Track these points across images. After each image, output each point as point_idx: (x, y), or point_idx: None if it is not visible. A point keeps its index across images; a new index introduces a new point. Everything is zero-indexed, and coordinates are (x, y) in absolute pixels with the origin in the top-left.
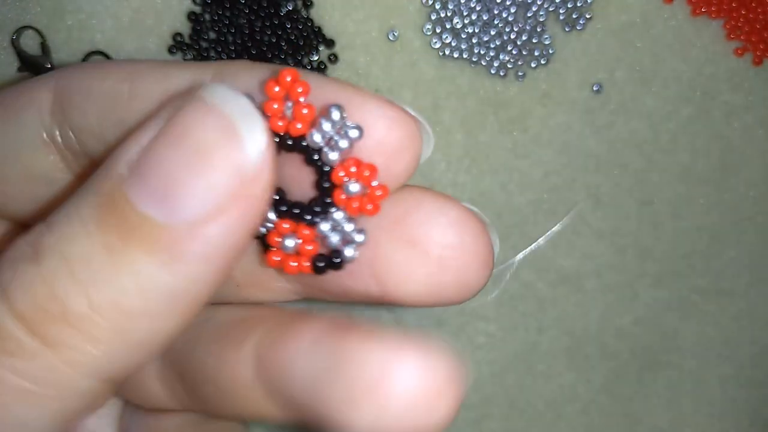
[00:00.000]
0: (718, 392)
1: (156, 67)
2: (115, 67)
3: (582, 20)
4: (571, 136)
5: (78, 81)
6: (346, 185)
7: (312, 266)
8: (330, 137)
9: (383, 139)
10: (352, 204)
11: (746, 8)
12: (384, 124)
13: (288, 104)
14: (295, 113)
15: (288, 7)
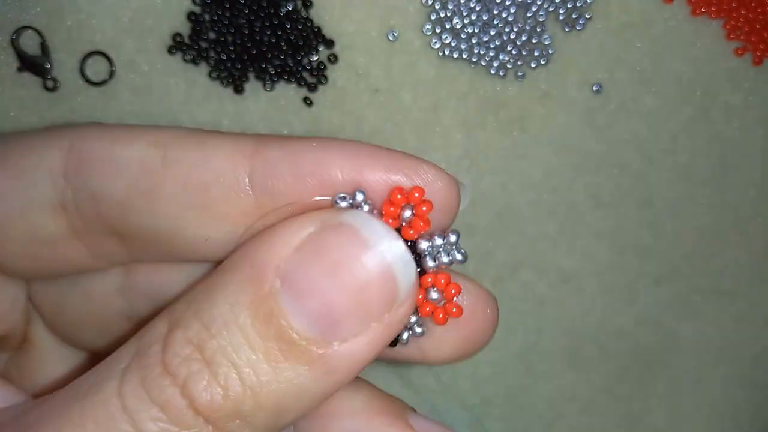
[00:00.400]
0: (718, 392)
1: (188, 134)
2: (140, 131)
3: (582, 20)
4: (571, 136)
5: (99, 145)
6: (429, 291)
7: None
8: (437, 251)
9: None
10: (426, 308)
11: (746, 8)
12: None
13: (406, 211)
14: (414, 223)
15: (288, 7)
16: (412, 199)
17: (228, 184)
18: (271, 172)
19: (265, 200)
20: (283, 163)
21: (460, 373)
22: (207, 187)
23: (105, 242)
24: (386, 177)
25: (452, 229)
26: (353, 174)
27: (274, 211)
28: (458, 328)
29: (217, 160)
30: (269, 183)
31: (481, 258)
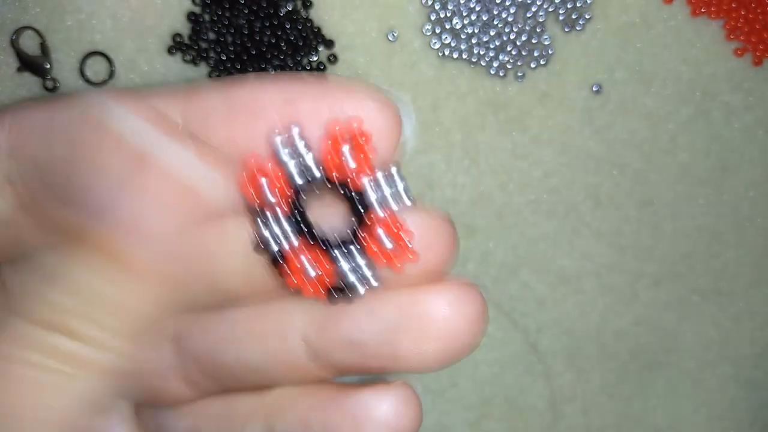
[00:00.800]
0: (718, 392)
1: (120, 93)
2: (80, 96)
3: (582, 20)
4: (571, 136)
5: (36, 112)
6: (382, 240)
7: (327, 295)
8: (385, 198)
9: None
10: (381, 259)
11: (746, 9)
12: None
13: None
14: (359, 169)
15: (287, 7)
16: (350, 129)
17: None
18: (203, 107)
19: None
20: (216, 100)
21: (460, 373)
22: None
23: (56, 215)
24: (317, 104)
25: (393, 162)
26: (286, 106)
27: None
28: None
29: (149, 108)
30: (203, 120)
31: (480, 258)
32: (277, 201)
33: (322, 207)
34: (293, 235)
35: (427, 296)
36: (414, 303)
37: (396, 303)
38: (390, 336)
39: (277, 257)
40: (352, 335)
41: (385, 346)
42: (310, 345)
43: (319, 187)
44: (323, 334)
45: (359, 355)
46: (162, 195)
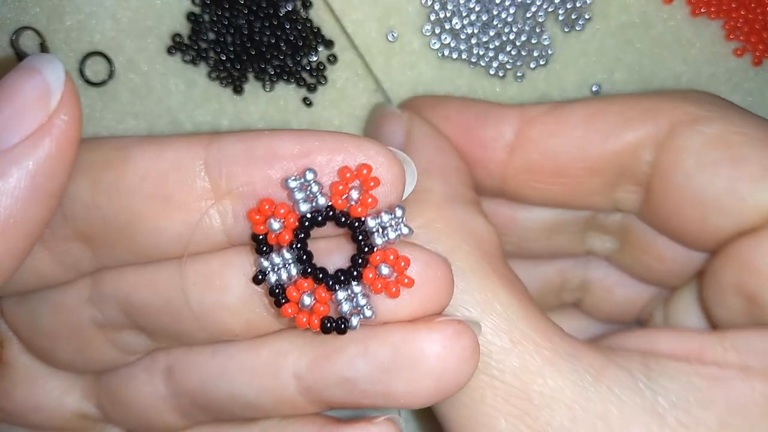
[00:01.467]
0: None
1: (149, 137)
2: (104, 139)
3: (581, 21)
4: None
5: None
6: (379, 267)
7: (321, 325)
8: (384, 227)
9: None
10: (377, 284)
11: (746, 9)
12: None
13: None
14: (363, 200)
15: (287, 7)
16: (360, 176)
17: (184, 171)
18: (224, 156)
19: (219, 185)
20: (236, 148)
21: None
22: (164, 176)
23: (71, 248)
24: (332, 157)
25: (398, 204)
26: (302, 154)
27: (228, 194)
28: (414, 294)
29: (173, 151)
30: (223, 167)
31: None
32: (281, 229)
33: (323, 242)
34: (293, 265)
35: (420, 335)
36: (407, 341)
37: (389, 341)
38: (382, 375)
39: (274, 287)
40: (345, 373)
41: (378, 384)
42: (302, 381)
43: (322, 216)
44: (315, 371)
45: (351, 392)
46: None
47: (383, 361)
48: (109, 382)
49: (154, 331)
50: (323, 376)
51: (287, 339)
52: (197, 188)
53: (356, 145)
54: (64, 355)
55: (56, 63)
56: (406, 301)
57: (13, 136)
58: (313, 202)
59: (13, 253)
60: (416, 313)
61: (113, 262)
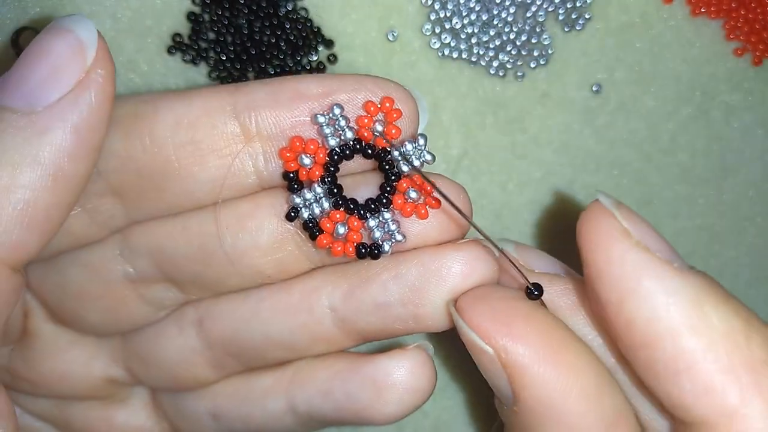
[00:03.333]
0: None
1: (173, 92)
2: (132, 95)
3: (581, 20)
4: (571, 136)
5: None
6: (408, 192)
7: (356, 251)
8: (408, 155)
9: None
10: (407, 208)
11: (745, 8)
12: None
13: (377, 125)
14: (387, 131)
15: (287, 7)
16: (384, 108)
17: (213, 116)
18: (251, 99)
19: (249, 129)
20: (262, 92)
21: (460, 372)
22: (195, 123)
23: (104, 204)
24: (354, 95)
25: (420, 133)
26: (325, 94)
27: (258, 135)
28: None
29: (202, 99)
30: (251, 110)
31: None
32: (312, 165)
33: (350, 178)
34: (324, 198)
35: (446, 254)
36: (434, 260)
37: (419, 261)
38: (413, 295)
39: (308, 221)
40: (378, 298)
41: (409, 305)
42: (337, 312)
43: (350, 149)
44: (350, 300)
45: (384, 317)
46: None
47: (413, 281)
48: (138, 342)
49: (185, 282)
50: (358, 304)
51: (319, 276)
52: (227, 132)
53: (375, 83)
54: (94, 316)
55: (87, 21)
56: (433, 224)
57: (54, 92)
58: (340, 137)
59: (61, 206)
60: (442, 237)
61: (145, 215)
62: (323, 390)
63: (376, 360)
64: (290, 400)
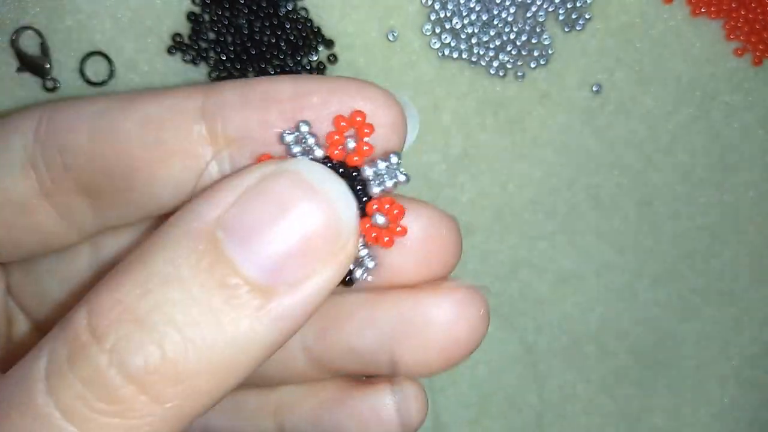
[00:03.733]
0: (718, 392)
1: (145, 91)
2: (105, 95)
3: (581, 20)
4: (571, 136)
5: (66, 105)
6: (374, 216)
7: None
8: (380, 175)
9: (376, 120)
10: (371, 233)
11: (746, 8)
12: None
13: (349, 141)
14: (358, 149)
15: (287, 7)
16: (354, 123)
17: (182, 115)
18: (221, 100)
19: (216, 130)
20: (233, 93)
21: (459, 373)
22: (162, 122)
23: (73, 202)
24: (328, 98)
25: (393, 151)
26: (297, 96)
27: (226, 147)
28: (416, 251)
29: (171, 98)
30: (220, 111)
31: (480, 258)
32: None
33: None
34: None
35: (429, 300)
36: (415, 307)
37: (397, 308)
38: (390, 342)
39: None
40: (352, 342)
41: (385, 352)
42: (310, 353)
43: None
44: (323, 341)
45: (358, 361)
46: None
47: (390, 329)
48: None
49: None
50: (331, 346)
51: None
52: (194, 134)
53: (353, 87)
54: None
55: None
56: (410, 258)
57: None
58: (309, 155)
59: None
60: (422, 273)
61: (114, 218)
62: (311, 418)
63: (364, 394)
64: (279, 424)
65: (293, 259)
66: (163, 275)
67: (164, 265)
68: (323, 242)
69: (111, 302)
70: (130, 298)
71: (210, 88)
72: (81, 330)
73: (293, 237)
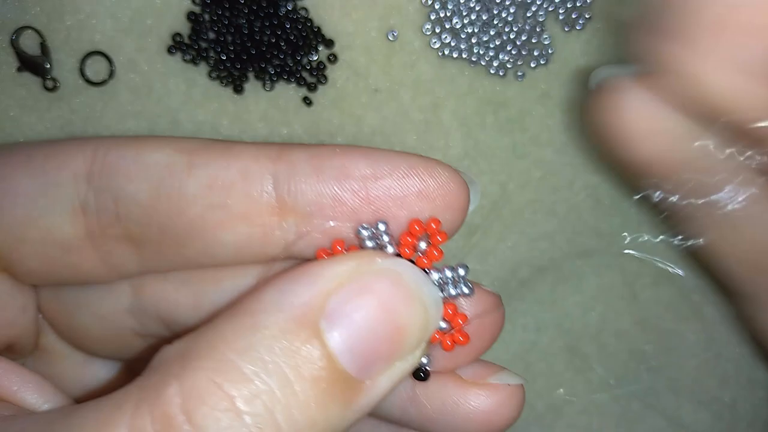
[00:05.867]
0: (718, 392)
1: (215, 142)
2: (166, 139)
3: (582, 20)
4: (571, 136)
5: (125, 149)
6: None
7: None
8: (446, 282)
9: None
10: (435, 335)
11: None
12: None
13: (421, 242)
14: (429, 253)
15: (287, 7)
16: (429, 230)
17: (250, 182)
18: (293, 171)
19: (286, 202)
20: (306, 162)
21: None
22: (230, 187)
23: (119, 249)
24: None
25: (462, 263)
26: (373, 177)
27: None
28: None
29: (241, 161)
30: (291, 183)
31: (480, 257)
32: None
33: None
34: None
35: (471, 395)
36: (458, 399)
37: (439, 396)
38: (429, 424)
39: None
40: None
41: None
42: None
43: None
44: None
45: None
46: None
47: (431, 413)
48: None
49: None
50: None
51: None
52: (263, 201)
53: (428, 170)
54: (103, 353)
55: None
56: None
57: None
58: (382, 249)
59: None
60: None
61: (160, 267)
62: None
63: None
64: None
65: (383, 357)
66: (262, 362)
67: (264, 351)
68: (410, 343)
69: (208, 385)
70: (227, 385)
71: (281, 151)
72: (174, 409)
73: (388, 336)
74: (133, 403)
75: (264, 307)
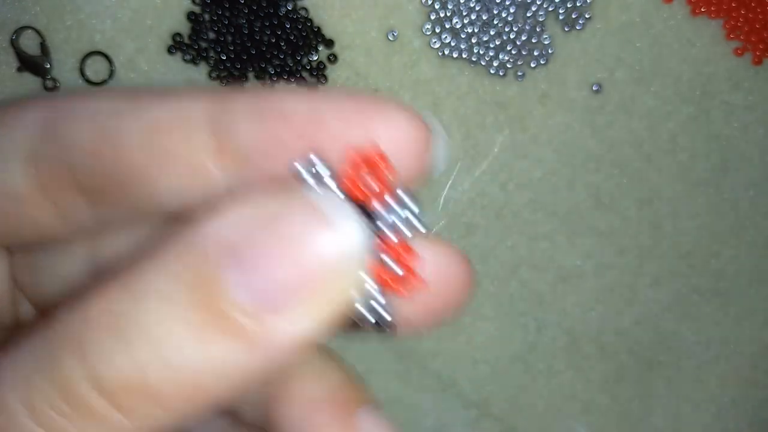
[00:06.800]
0: (718, 392)
1: (155, 89)
2: (115, 90)
3: (582, 20)
4: (571, 135)
5: (73, 100)
6: (390, 266)
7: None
8: (395, 222)
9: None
10: (385, 279)
11: (746, 8)
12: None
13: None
14: (378, 194)
15: (287, 7)
16: (371, 161)
17: (189, 123)
18: (231, 110)
19: (224, 142)
20: (244, 104)
21: (460, 373)
22: (169, 130)
23: (70, 199)
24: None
25: (413, 195)
26: (313, 118)
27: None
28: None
29: (181, 104)
30: (230, 122)
31: (480, 258)
32: None
33: None
34: None
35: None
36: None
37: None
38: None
39: None
40: None
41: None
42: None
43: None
44: None
45: None
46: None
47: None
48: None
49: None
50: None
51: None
52: (201, 144)
53: (376, 109)
54: None
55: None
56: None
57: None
58: (323, 188)
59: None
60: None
61: (112, 219)
62: None
63: None
64: None
65: (292, 291)
66: (154, 289)
67: (157, 278)
68: (327, 279)
69: (98, 311)
70: (117, 308)
71: (219, 95)
72: (61, 333)
73: (295, 268)
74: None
75: (165, 240)
